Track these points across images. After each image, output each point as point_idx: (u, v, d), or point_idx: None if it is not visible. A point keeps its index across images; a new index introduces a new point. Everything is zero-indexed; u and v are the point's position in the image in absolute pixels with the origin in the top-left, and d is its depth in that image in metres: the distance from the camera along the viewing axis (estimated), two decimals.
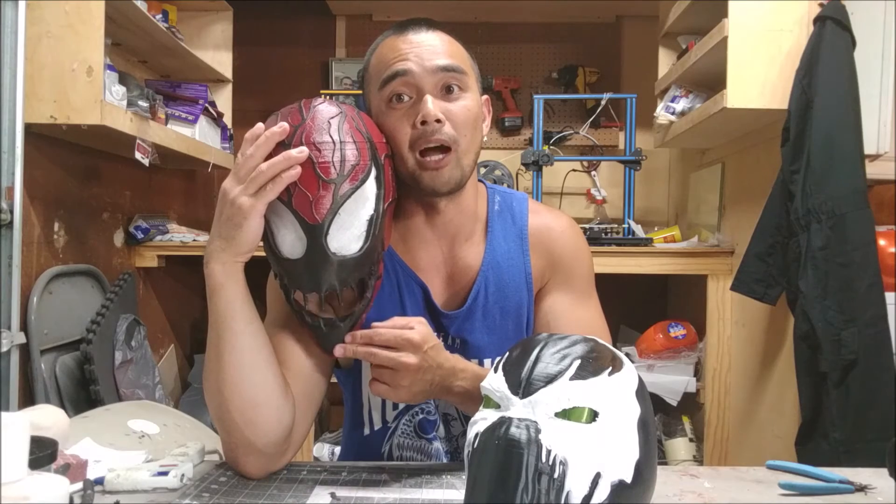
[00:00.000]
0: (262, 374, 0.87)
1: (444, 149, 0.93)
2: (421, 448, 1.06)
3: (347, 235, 0.86)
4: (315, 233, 0.84)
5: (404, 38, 0.95)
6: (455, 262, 1.03)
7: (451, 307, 1.03)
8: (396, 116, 0.94)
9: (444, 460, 1.06)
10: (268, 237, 0.88)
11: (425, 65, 0.93)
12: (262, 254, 0.90)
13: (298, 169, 0.82)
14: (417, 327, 0.89)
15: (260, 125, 0.86)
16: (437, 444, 1.06)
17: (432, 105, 0.92)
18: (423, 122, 0.92)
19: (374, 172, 0.87)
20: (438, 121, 0.92)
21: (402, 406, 1.05)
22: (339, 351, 0.91)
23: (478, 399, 0.86)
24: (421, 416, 1.05)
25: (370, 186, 0.87)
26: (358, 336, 0.90)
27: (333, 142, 0.84)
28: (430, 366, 0.89)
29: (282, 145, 0.84)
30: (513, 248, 1.04)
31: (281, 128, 0.84)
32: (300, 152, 0.82)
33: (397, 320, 0.90)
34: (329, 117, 0.86)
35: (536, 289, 1.05)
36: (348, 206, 0.85)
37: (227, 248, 0.85)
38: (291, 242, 0.86)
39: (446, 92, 0.94)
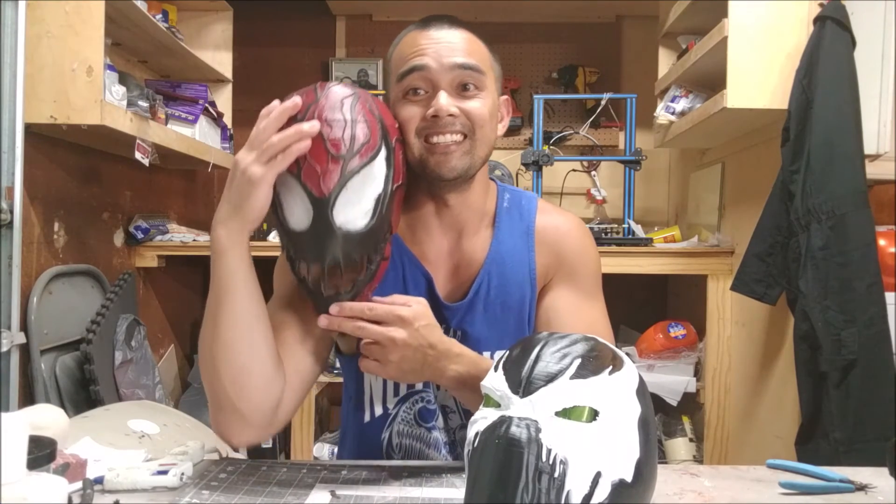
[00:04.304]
0: (256, 342, 0.88)
1: (458, 136, 0.95)
2: (420, 436, 1.06)
3: (354, 211, 0.87)
4: (321, 205, 0.86)
5: (425, 34, 0.97)
6: (460, 255, 1.04)
7: (453, 299, 1.04)
8: (410, 108, 0.96)
9: (444, 450, 1.06)
10: (276, 209, 0.90)
11: (443, 61, 0.95)
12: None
13: (308, 142, 0.84)
14: (414, 305, 0.90)
15: (276, 101, 0.88)
16: (437, 434, 1.06)
17: (445, 101, 0.93)
18: (435, 116, 0.94)
19: (383, 153, 0.89)
20: (451, 115, 0.94)
21: (402, 393, 1.06)
22: (323, 322, 0.90)
23: (473, 387, 0.87)
24: (421, 405, 1.06)
25: (379, 165, 0.89)
26: (346, 308, 0.89)
27: (345, 119, 0.86)
28: (421, 344, 0.89)
29: (294, 120, 0.86)
30: (518, 243, 1.05)
31: (293, 102, 0.86)
32: (311, 126, 0.84)
33: (397, 298, 0.92)
34: (342, 97, 0.88)
35: (540, 286, 1.05)
36: (356, 181, 0.87)
37: (234, 215, 0.86)
38: (299, 214, 0.88)
39: (462, 90, 0.96)
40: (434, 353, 0.91)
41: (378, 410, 1.07)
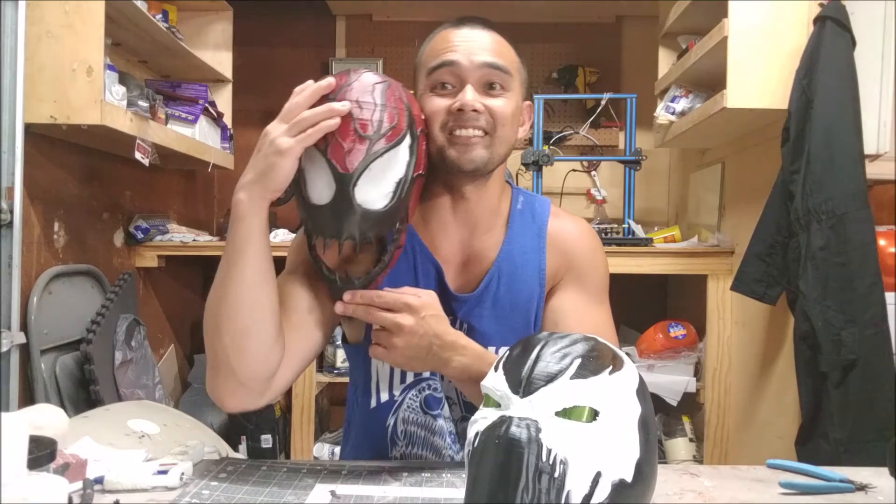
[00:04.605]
0: (260, 307, 0.90)
1: (480, 131, 0.98)
2: (426, 424, 1.07)
3: (375, 191, 0.90)
4: (344, 181, 0.88)
5: (457, 32, 1.02)
6: (472, 250, 1.07)
7: (462, 292, 1.06)
8: (437, 101, 0.99)
9: (448, 439, 1.07)
10: (299, 183, 0.91)
11: (472, 59, 0.98)
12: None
13: (338, 120, 0.87)
14: (423, 296, 0.94)
15: (310, 81, 0.90)
16: (442, 422, 1.07)
17: (471, 95, 0.97)
18: (460, 110, 0.97)
19: (408, 140, 0.92)
20: (476, 111, 0.97)
21: (409, 380, 1.07)
22: (339, 308, 0.95)
23: (476, 379, 0.88)
24: (427, 392, 1.07)
25: (403, 151, 0.91)
26: (359, 295, 0.94)
27: (375, 103, 0.89)
28: (427, 332, 0.92)
29: (327, 99, 0.89)
30: (529, 244, 1.07)
31: (327, 82, 0.89)
32: (343, 105, 0.87)
33: (408, 290, 0.95)
34: (374, 82, 0.91)
35: (549, 287, 1.07)
36: (380, 163, 0.89)
37: (257, 182, 0.88)
38: (321, 189, 0.90)
39: (488, 88, 0.99)
40: (439, 343, 0.93)
41: (384, 396, 1.08)
